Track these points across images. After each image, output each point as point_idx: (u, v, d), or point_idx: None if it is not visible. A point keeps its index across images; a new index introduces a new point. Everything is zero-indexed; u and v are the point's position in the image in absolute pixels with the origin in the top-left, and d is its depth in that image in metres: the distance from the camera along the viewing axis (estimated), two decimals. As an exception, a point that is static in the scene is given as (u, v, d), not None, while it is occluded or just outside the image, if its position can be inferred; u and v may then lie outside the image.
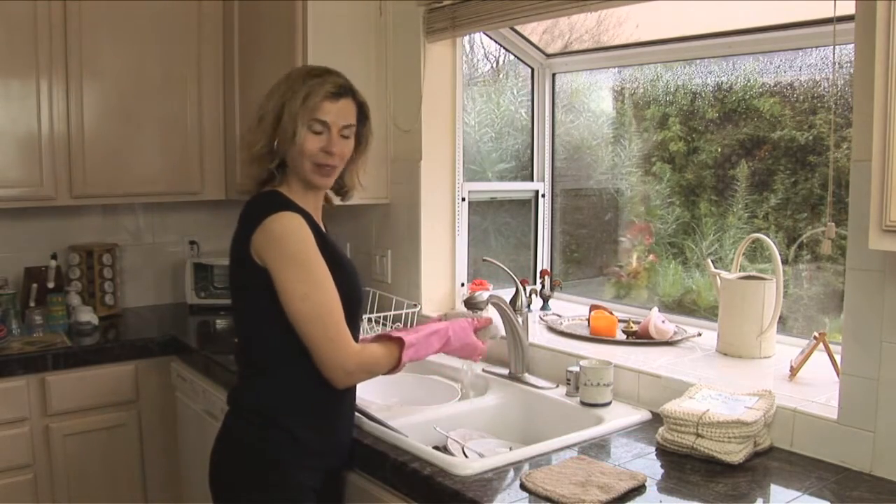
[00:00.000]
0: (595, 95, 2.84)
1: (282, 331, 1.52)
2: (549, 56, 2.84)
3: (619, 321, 2.27)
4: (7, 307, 2.67)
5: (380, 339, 1.64)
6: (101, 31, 2.73)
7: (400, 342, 1.59)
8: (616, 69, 2.73)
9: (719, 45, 2.29)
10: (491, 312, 2.04)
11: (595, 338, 2.19)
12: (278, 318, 1.51)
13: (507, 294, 2.11)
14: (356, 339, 1.66)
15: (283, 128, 1.55)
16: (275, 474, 1.55)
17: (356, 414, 1.75)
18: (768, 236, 2.05)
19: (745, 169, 2.32)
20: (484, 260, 2.37)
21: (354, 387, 1.68)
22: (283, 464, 1.55)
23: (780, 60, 2.23)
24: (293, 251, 1.49)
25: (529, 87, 2.88)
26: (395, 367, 1.60)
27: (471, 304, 1.95)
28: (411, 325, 2.44)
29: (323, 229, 1.68)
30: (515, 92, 2.90)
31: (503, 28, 2.60)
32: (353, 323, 1.63)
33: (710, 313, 2.31)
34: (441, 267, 2.60)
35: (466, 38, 2.68)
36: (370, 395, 1.98)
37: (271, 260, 1.49)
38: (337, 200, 1.80)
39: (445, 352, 1.72)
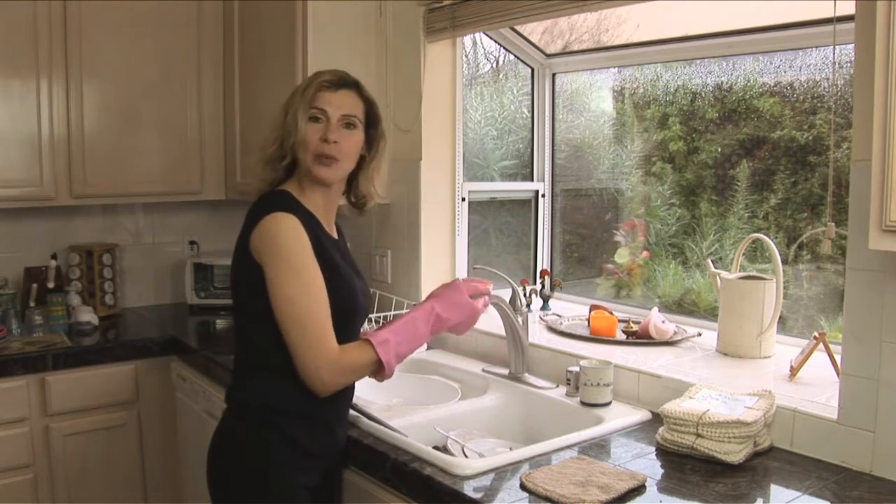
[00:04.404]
0: (595, 95, 2.83)
1: (279, 330, 1.50)
2: (549, 56, 2.84)
3: (619, 321, 2.27)
4: (7, 307, 2.68)
5: (360, 341, 1.55)
6: (101, 31, 2.73)
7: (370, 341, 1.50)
8: (616, 69, 2.73)
9: (719, 45, 2.29)
10: (491, 312, 2.04)
11: (595, 338, 2.19)
12: (275, 318, 1.50)
13: (507, 294, 2.11)
14: None
15: (287, 123, 1.58)
16: (271, 473, 1.55)
17: (356, 414, 1.74)
18: (768, 236, 2.05)
19: (745, 169, 2.32)
20: (475, 268, 2.37)
21: (352, 388, 1.68)
22: (279, 464, 1.55)
23: (780, 60, 2.23)
24: (284, 252, 1.49)
25: (530, 85, 2.88)
26: (381, 369, 1.51)
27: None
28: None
29: (332, 232, 1.66)
30: (516, 91, 2.90)
31: (503, 28, 2.60)
32: (350, 329, 1.60)
33: (710, 313, 2.31)
34: (441, 267, 2.60)
35: (469, 35, 2.68)
36: (371, 395, 1.97)
37: (265, 260, 1.49)
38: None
39: (444, 329, 1.61)
